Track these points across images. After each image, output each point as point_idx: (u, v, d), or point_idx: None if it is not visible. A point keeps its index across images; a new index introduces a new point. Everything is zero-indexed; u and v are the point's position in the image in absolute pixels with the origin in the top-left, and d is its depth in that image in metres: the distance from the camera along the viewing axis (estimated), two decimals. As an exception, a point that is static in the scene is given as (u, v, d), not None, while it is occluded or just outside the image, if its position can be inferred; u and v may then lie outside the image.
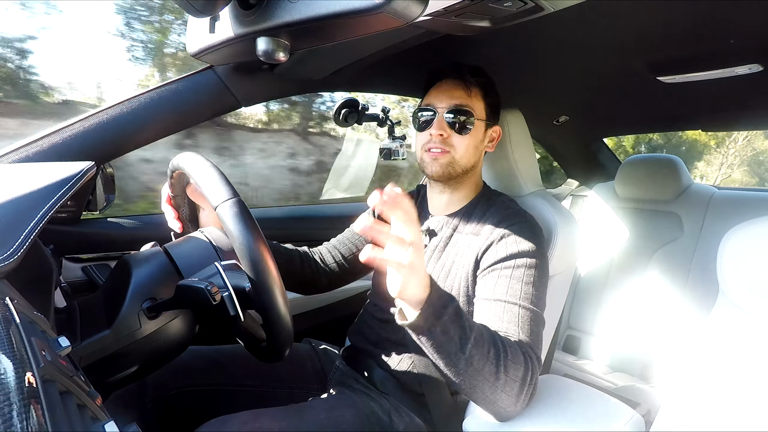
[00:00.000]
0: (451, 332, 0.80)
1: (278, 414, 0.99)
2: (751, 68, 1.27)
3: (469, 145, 1.15)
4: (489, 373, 0.83)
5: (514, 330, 0.95)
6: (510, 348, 0.87)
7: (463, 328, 0.81)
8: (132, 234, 1.47)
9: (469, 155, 1.16)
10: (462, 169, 1.16)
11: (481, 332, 0.84)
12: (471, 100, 1.15)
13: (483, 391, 0.85)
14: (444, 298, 0.80)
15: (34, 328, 0.52)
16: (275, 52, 0.82)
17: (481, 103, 1.17)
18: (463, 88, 1.15)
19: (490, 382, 0.83)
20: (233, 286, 0.78)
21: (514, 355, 0.87)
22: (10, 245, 0.62)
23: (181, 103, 1.22)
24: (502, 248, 1.05)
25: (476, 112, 1.15)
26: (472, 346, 0.81)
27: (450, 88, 1.16)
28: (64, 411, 0.41)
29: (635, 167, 2.16)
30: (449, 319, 0.80)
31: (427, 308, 0.77)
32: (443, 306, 0.79)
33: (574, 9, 0.87)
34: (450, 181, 1.18)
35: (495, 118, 1.22)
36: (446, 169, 1.15)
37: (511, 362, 0.85)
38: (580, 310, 2.26)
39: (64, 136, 1.10)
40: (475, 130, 1.15)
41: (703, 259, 1.91)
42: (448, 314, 0.80)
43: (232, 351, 1.23)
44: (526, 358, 0.88)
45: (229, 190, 0.81)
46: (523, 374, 0.86)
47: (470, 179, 1.21)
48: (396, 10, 0.66)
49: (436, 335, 0.79)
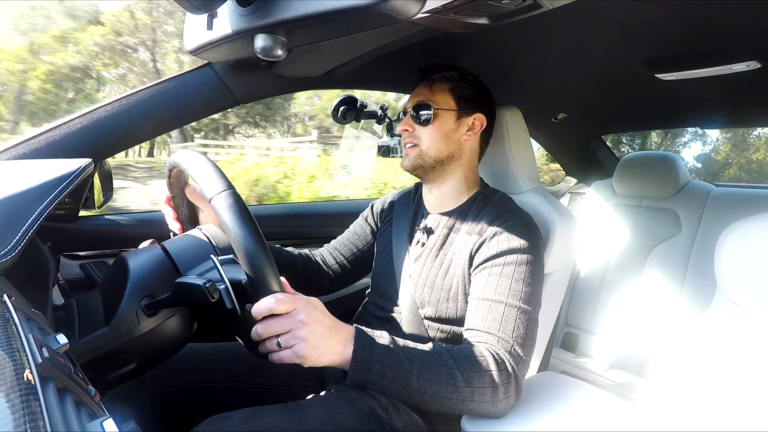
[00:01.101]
0: (390, 375, 0.85)
1: (277, 412, 0.99)
2: (749, 65, 1.27)
3: (434, 135, 1.18)
4: (448, 392, 0.88)
5: (495, 328, 0.97)
6: (468, 359, 0.91)
7: (400, 368, 0.86)
8: (130, 231, 1.47)
9: (438, 144, 1.18)
10: (433, 159, 1.19)
11: (425, 360, 0.89)
12: (433, 94, 1.20)
13: (452, 406, 0.90)
14: (367, 349, 0.86)
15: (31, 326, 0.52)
16: (273, 49, 0.82)
17: (447, 94, 1.20)
18: (426, 86, 1.21)
19: (453, 398, 0.88)
20: (230, 279, 0.78)
21: (473, 365, 0.90)
22: (8, 242, 0.62)
23: (179, 100, 1.21)
24: (494, 246, 1.07)
25: (439, 103, 1.19)
26: (417, 377, 0.86)
27: (417, 90, 1.23)
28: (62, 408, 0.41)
29: (633, 164, 2.16)
30: (381, 366, 0.85)
31: (354, 367, 0.85)
32: (368, 358, 0.85)
33: (572, 6, 0.87)
34: (426, 174, 1.22)
35: (471, 107, 1.22)
36: (415, 161, 1.20)
37: (471, 372, 0.89)
38: (578, 308, 2.26)
39: (61, 133, 1.10)
40: (438, 120, 1.18)
41: (700, 256, 1.92)
42: (377, 362, 0.85)
43: (230, 348, 1.23)
44: (493, 362, 0.91)
45: (223, 182, 0.80)
46: (489, 378, 0.90)
47: (454, 172, 1.22)
48: (394, 7, 0.66)
49: (376, 383, 0.86)
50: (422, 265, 1.18)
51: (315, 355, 0.80)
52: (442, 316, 1.12)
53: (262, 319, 0.78)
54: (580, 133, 2.44)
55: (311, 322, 0.80)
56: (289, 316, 0.78)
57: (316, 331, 0.80)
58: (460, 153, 1.22)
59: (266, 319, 0.78)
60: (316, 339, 0.80)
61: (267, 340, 0.79)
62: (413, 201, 1.34)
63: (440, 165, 1.20)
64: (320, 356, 0.81)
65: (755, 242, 0.94)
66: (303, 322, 0.79)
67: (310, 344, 0.79)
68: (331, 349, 0.83)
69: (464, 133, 1.21)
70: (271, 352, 0.80)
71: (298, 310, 0.79)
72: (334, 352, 0.83)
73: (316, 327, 0.80)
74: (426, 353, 0.90)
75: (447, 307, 1.11)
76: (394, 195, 1.42)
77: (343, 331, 0.86)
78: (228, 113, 14.44)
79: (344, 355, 0.84)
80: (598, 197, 2.30)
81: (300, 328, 0.78)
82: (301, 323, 0.78)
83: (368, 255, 1.40)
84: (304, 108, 19.11)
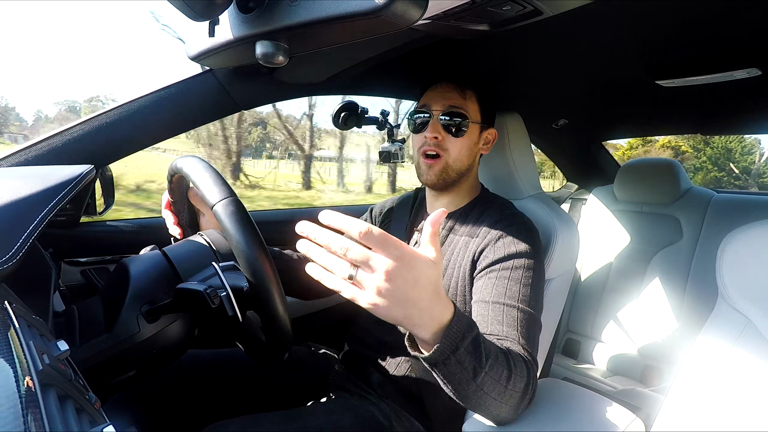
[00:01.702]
0: (466, 363, 0.74)
1: (278, 418, 0.99)
2: (750, 72, 1.27)
3: (462, 148, 1.15)
4: (497, 393, 0.80)
5: (514, 334, 0.94)
6: (517, 362, 0.84)
7: (479, 358, 0.75)
8: (131, 237, 1.47)
9: (463, 158, 1.16)
10: (456, 174, 1.16)
11: (497, 356, 0.79)
12: (465, 102, 1.15)
13: (487, 406, 0.82)
14: (462, 328, 0.73)
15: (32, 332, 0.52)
16: (274, 56, 0.82)
17: (476, 105, 1.16)
18: (458, 90, 1.15)
19: (498, 401, 0.81)
20: (231, 286, 0.78)
21: (520, 368, 0.84)
22: (9, 248, 0.62)
23: (181, 106, 1.22)
24: (500, 249, 1.05)
25: (471, 114, 1.15)
26: (486, 373, 0.76)
27: (445, 90, 1.16)
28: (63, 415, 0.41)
29: (634, 171, 2.17)
30: (465, 350, 0.73)
31: (443, 340, 0.70)
32: (461, 338, 0.72)
33: (573, 13, 0.87)
34: (447, 186, 1.19)
35: (490, 121, 1.21)
36: (441, 176, 1.15)
37: (518, 376, 0.82)
38: (580, 314, 2.25)
39: (63, 140, 1.10)
40: (469, 132, 1.15)
41: (702, 262, 1.91)
42: (464, 346, 0.73)
43: (231, 355, 1.23)
44: (528, 367, 0.87)
45: (225, 189, 0.81)
46: (525, 384, 0.84)
47: (466, 182, 1.21)
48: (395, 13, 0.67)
49: (449, 367, 0.73)
50: None
51: (383, 312, 0.65)
52: None
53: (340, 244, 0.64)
54: (581, 139, 2.45)
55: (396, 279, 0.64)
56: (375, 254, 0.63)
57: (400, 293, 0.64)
58: (473, 165, 1.21)
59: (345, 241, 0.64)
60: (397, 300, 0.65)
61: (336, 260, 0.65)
62: (412, 205, 1.34)
63: (459, 177, 1.18)
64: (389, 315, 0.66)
65: (757, 249, 0.94)
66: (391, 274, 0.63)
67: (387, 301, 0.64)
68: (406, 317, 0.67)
69: (482, 146, 1.21)
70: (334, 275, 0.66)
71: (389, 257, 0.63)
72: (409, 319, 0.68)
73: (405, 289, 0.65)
74: (497, 350, 0.81)
75: None
76: (394, 200, 1.42)
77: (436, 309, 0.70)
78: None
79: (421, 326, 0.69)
80: (599, 203, 2.30)
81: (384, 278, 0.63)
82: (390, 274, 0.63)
83: None
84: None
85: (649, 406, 1.71)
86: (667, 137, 19.72)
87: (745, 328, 0.93)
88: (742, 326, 0.93)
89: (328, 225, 0.65)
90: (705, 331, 0.98)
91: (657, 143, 20.04)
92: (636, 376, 2.01)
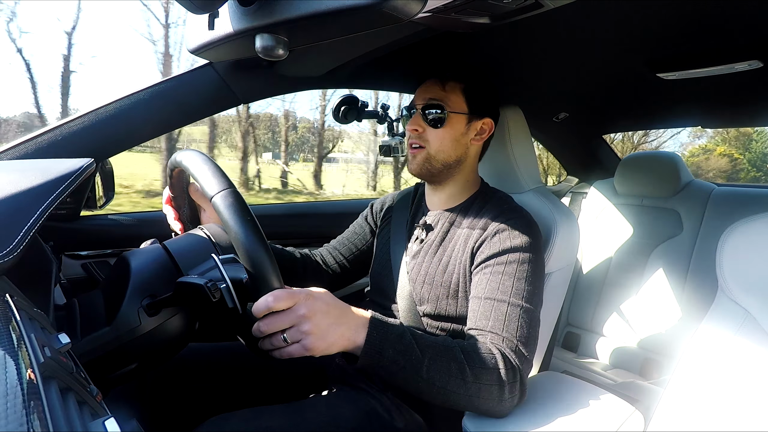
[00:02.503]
0: (401, 362, 0.85)
1: (279, 411, 1.00)
2: (751, 64, 1.27)
3: (444, 139, 1.16)
4: (456, 386, 0.87)
5: (498, 328, 0.96)
6: (478, 355, 0.90)
7: (411, 356, 0.86)
8: (131, 231, 1.47)
9: (447, 148, 1.16)
10: (441, 164, 1.17)
11: (437, 351, 0.88)
12: (446, 94, 1.16)
13: (458, 402, 0.89)
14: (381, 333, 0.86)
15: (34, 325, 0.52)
16: (274, 49, 0.82)
17: (459, 96, 1.17)
18: (439, 83, 1.17)
19: (460, 394, 0.87)
20: (231, 278, 0.78)
21: (483, 361, 0.90)
22: (10, 242, 0.62)
23: (181, 99, 1.22)
24: (496, 243, 1.06)
25: (451, 105, 1.16)
26: (428, 368, 0.86)
27: (428, 86, 1.19)
28: (64, 407, 0.41)
29: (635, 164, 2.16)
30: (394, 352, 0.85)
31: (366, 350, 0.84)
32: (382, 342, 0.85)
33: (574, 5, 0.87)
34: (433, 177, 1.20)
35: (482, 111, 1.20)
36: (423, 166, 1.17)
37: (480, 369, 0.88)
38: (580, 307, 2.26)
39: (63, 133, 1.10)
40: (450, 122, 1.15)
41: (702, 255, 1.91)
42: (389, 347, 0.85)
43: (232, 348, 1.23)
44: (501, 360, 0.91)
45: (223, 180, 0.81)
46: (497, 377, 0.89)
47: (460, 174, 1.21)
48: (395, 6, 0.66)
49: (385, 369, 0.85)
50: (420, 261, 1.18)
51: (324, 346, 0.80)
52: (441, 313, 1.11)
53: (263, 317, 0.77)
54: (582, 133, 2.44)
55: (314, 314, 0.79)
56: (290, 311, 0.77)
57: (321, 322, 0.79)
58: (466, 156, 1.21)
59: (267, 317, 0.77)
60: (322, 330, 0.79)
61: (272, 337, 0.78)
62: (413, 200, 1.34)
63: (447, 169, 1.18)
64: (330, 345, 0.81)
65: (757, 242, 0.94)
66: (305, 316, 0.77)
67: (317, 336, 0.79)
68: (340, 337, 0.82)
69: (473, 137, 1.20)
70: (277, 348, 0.79)
71: (299, 304, 0.78)
72: (344, 339, 0.83)
73: (321, 318, 0.79)
74: (438, 345, 0.90)
75: (447, 304, 1.11)
76: (394, 195, 1.42)
77: (352, 317, 0.85)
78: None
79: (355, 340, 0.84)
80: (600, 197, 2.30)
81: (303, 323, 0.78)
82: (304, 317, 0.77)
83: (368, 254, 1.40)
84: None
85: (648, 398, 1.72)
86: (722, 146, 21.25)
87: (744, 320, 0.93)
88: (742, 319, 0.93)
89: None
90: (705, 324, 0.98)
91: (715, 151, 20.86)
92: (636, 369, 2.01)
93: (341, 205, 2.29)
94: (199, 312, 0.89)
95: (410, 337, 0.88)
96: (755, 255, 0.93)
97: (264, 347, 0.80)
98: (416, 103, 1.18)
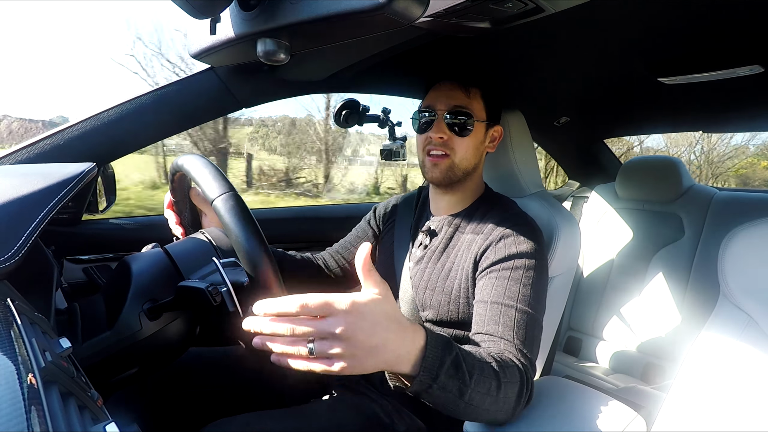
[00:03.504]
0: (449, 386, 0.73)
1: (280, 416, 0.99)
2: (752, 69, 1.27)
3: (469, 147, 1.14)
4: (489, 404, 0.80)
5: (509, 335, 0.94)
6: (507, 368, 0.84)
7: (462, 378, 0.75)
8: (132, 235, 1.47)
9: (469, 157, 1.15)
10: (463, 172, 1.16)
11: (482, 370, 0.79)
12: (470, 101, 1.14)
13: (480, 416, 0.85)
14: (438, 353, 0.72)
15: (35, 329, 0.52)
16: (276, 54, 0.82)
17: (481, 103, 1.16)
18: (462, 89, 1.15)
19: (491, 410, 0.82)
20: (232, 281, 0.78)
21: (511, 375, 0.84)
22: (12, 246, 0.62)
23: (182, 104, 1.22)
24: (501, 249, 1.05)
25: (476, 113, 1.14)
26: (473, 390, 0.76)
27: (449, 89, 1.15)
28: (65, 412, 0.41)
29: (636, 168, 2.16)
30: (446, 375, 0.73)
31: (421, 373, 0.70)
32: (439, 364, 0.72)
33: (575, 10, 0.87)
34: (453, 185, 1.18)
35: (495, 119, 1.21)
36: (447, 174, 1.15)
37: (509, 383, 0.82)
38: (581, 312, 2.25)
39: (65, 137, 1.10)
40: (475, 131, 1.14)
41: (704, 260, 1.91)
42: (444, 371, 0.72)
43: (233, 352, 1.23)
44: (521, 371, 0.87)
45: (224, 184, 0.81)
46: (519, 389, 0.84)
47: (472, 181, 1.20)
48: (396, 11, 0.66)
49: (433, 395, 0.73)
50: (424, 267, 1.17)
51: (359, 370, 0.65)
52: (444, 319, 1.11)
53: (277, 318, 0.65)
54: (583, 137, 2.44)
55: (354, 334, 0.63)
56: (323, 322, 0.63)
57: (362, 344, 0.64)
58: (481, 163, 1.21)
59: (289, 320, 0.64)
60: (363, 353, 0.64)
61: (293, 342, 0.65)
62: (416, 205, 1.34)
63: (465, 176, 1.17)
64: (365, 370, 0.66)
65: (758, 246, 0.94)
66: (340, 336, 0.62)
67: (355, 358, 0.64)
68: (382, 362, 0.67)
69: (488, 144, 1.20)
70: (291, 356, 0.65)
71: (336, 317, 0.63)
72: (385, 363, 0.68)
73: (364, 340, 0.64)
74: (482, 363, 0.80)
75: (448, 310, 1.10)
76: (397, 198, 1.42)
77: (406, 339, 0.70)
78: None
79: (401, 366, 0.70)
80: (601, 201, 2.30)
81: (336, 342, 0.63)
82: (338, 337, 0.62)
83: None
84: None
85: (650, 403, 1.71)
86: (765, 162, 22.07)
87: (747, 325, 0.93)
88: (744, 324, 0.93)
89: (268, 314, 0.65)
90: (707, 329, 0.98)
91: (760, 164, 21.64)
92: (637, 373, 2.01)
93: (343, 209, 2.29)
94: (200, 316, 0.89)
95: (460, 358, 0.76)
96: (757, 260, 0.93)
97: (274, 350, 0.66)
98: (438, 108, 1.14)
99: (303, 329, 0.63)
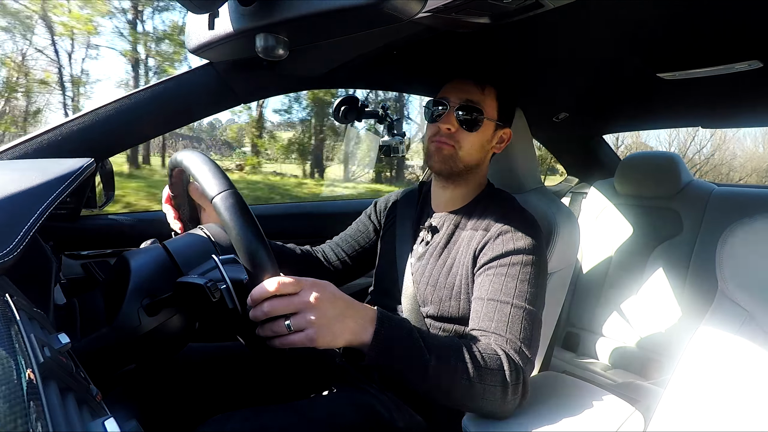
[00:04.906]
0: (408, 360, 0.83)
1: (279, 411, 0.99)
2: (751, 65, 1.27)
3: (474, 143, 1.15)
4: (462, 387, 0.85)
5: (502, 330, 0.96)
6: (484, 355, 0.89)
7: (418, 354, 0.83)
8: (131, 231, 1.47)
9: (474, 153, 1.16)
10: (464, 166, 1.16)
11: (444, 351, 0.86)
12: (483, 98, 1.15)
13: (462, 402, 0.89)
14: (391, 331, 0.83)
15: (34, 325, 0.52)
16: (274, 49, 0.82)
17: (494, 102, 1.17)
18: (477, 85, 1.16)
19: (465, 394, 0.86)
20: (231, 279, 0.78)
21: (489, 362, 0.88)
22: (10, 242, 0.62)
23: (181, 99, 1.21)
24: (499, 245, 1.05)
25: (487, 110, 1.15)
26: (434, 368, 0.83)
27: (464, 83, 1.17)
28: (64, 408, 0.41)
29: (635, 164, 2.16)
30: (402, 350, 0.83)
31: (374, 347, 0.81)
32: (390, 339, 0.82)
33: (574, 5, 0.87)
34: (451, 176, 1.18)
35: (507, 121, 1.21)
36: (447, 164, 1.15)
37: (485, 370, 0.87)
38: (580, 307, 2.26)
39: (63, 133, 1.10)
40: (483, 128, 1.15)
41: (702, 256, 1.91)
42: (398, 345, 0.83)
43: (232, 348, 1.23)
44: (506, 361, 0.90)
45: (224, 182, 0.80)
46: (502, 378, 0.88)
47: (474, 177, 1.21)
48: (395, 6, 0.66)
49: (393, 367, 0.83)
50: (425, 264, 1.18)
51: (329, 338, 0.76)
52: (444, 314, 1.11)
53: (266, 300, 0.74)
54: (582, 133, 2.44)
55: (321, 302, 0.76)
56: (296, 296, 0.75)
57: (327, 312, 0.76)
58: (483, 161, 1.21)
59: (272, 299, 0.74)
60: (329, 320, 0.76)
61: (274, 323, 0.75)
62: (418, 200, 1.33)
63: (466, 171, 1.17)
64: (335, 338, 0.77)
65: (756, 242, 0.94)
66: (311, 304, 0.75)
67: (323, 326, 0.75)
68: (347, 330, 0.79)
69: (495, 145, 1.21)
70: (279, 335, 0.75)
71: (305, 290, 0.76)
72: (350, 332, 0.79)
73: (327, 308, 0.77)
74: (444, 345, 0.88)
75: (449, 306, 1.10)
76: (398, 194, 1.41)
77: (359, 310, 0.82)
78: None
79: (362, 336, 0.81)
80: (600, 197, 2.30)
81: (309, 310, 0.75)
82: (310, 305, 0.75)
83: (370, 252, 1.40)
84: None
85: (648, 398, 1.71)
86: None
87: (744, 321, 0.93)
88: (742, 319, 0.93)
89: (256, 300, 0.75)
90: (705, 324, 0.98)
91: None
92: (636, 369, 2.01)
93: (342, 205, 2.29)
94: (199, 312, 0.89)
95: (417, 335, 0.86)
96: (755, 255, 0.93)
97: (264, 333, 0.76)
98: (451, 100, 1.15)
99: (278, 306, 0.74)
